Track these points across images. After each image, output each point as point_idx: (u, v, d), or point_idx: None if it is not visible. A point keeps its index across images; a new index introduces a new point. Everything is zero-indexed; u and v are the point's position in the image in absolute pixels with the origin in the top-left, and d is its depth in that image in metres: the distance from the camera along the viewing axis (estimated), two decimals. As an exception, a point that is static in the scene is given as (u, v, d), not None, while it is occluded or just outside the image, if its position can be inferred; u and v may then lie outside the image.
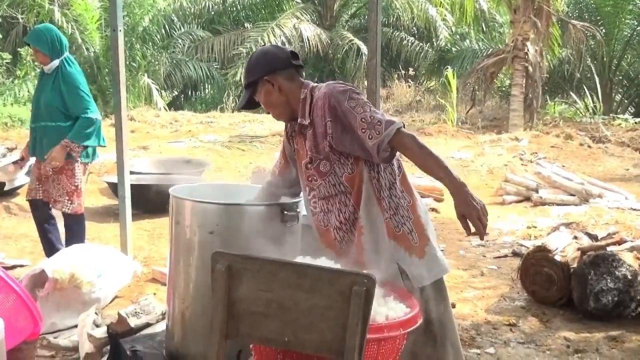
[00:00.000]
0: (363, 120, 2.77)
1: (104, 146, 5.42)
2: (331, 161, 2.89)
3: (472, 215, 2.61)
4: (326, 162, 2.90)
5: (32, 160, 5.49)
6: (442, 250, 3.34)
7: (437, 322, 2.91)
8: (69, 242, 5.24)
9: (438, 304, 2.92)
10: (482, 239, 2.70)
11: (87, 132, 5.13)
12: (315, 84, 3.03)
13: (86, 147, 5.21)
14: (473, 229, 2.62)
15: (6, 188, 8.63)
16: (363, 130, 2.77)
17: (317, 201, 2.99)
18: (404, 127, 2.80)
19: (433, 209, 8.64)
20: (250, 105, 3.07)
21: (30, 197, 5.38)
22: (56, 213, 5.39)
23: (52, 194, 5.21)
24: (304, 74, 3.12)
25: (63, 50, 5.21)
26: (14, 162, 5.90)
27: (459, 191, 2.66)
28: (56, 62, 5.18)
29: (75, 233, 5.32)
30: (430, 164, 2.75)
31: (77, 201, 5.23)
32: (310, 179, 2.98)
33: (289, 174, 3.22)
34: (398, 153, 2.88)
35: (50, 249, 5.31)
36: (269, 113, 3.18)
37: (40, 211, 5.35)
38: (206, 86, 22.66)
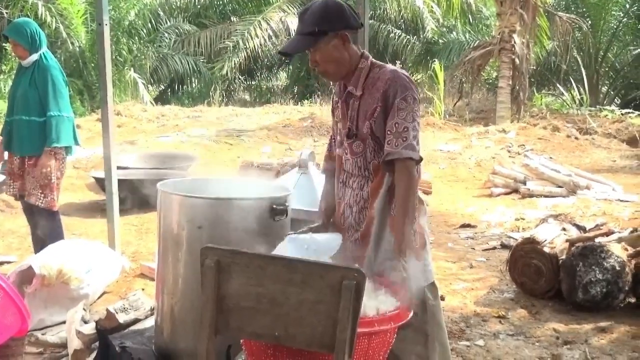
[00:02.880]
0: (397, 124, 2.76)
1: (78, 144, 5.36)
2: (365, 144, 2.88)
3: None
4: (360, 142, 2.89)
5: (6, 156, 5.35)
6: (430, 242, 3.34)
7: (431, 321, 2.93)
8: (47, 242, 5.11)
9: (432, 303, 2.94)
10: None
11: (63, 131, 5.03)
12: (376, 61, 2.96)
13: (67, 147, 5.16)
14: None
15: None
16: (389, 132, 2.77)
17: (343, 172, 3.01)
18: (420, 163, 2.82)
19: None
20: (290, 53, 2.93)
21: (6, 193, 5.36)
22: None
23: (26, 186, 5.14)
24: None
25: (42, 44, 5.14)
26: None
27: (398, 259, 2.69)
28: (35, 56, 5.11)
29: (52, 231, 5.21)
30: (401, 209, 2.74)
31: (50, 195, 5.13)
32: (345, 150, 2.98)
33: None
34: (422, 163, 2.89)
35: (40, 245, 5.24)
36: (314, 69, 2.95)
37: (26, 206, 5.30)
38: (193, 80, 22.60)
